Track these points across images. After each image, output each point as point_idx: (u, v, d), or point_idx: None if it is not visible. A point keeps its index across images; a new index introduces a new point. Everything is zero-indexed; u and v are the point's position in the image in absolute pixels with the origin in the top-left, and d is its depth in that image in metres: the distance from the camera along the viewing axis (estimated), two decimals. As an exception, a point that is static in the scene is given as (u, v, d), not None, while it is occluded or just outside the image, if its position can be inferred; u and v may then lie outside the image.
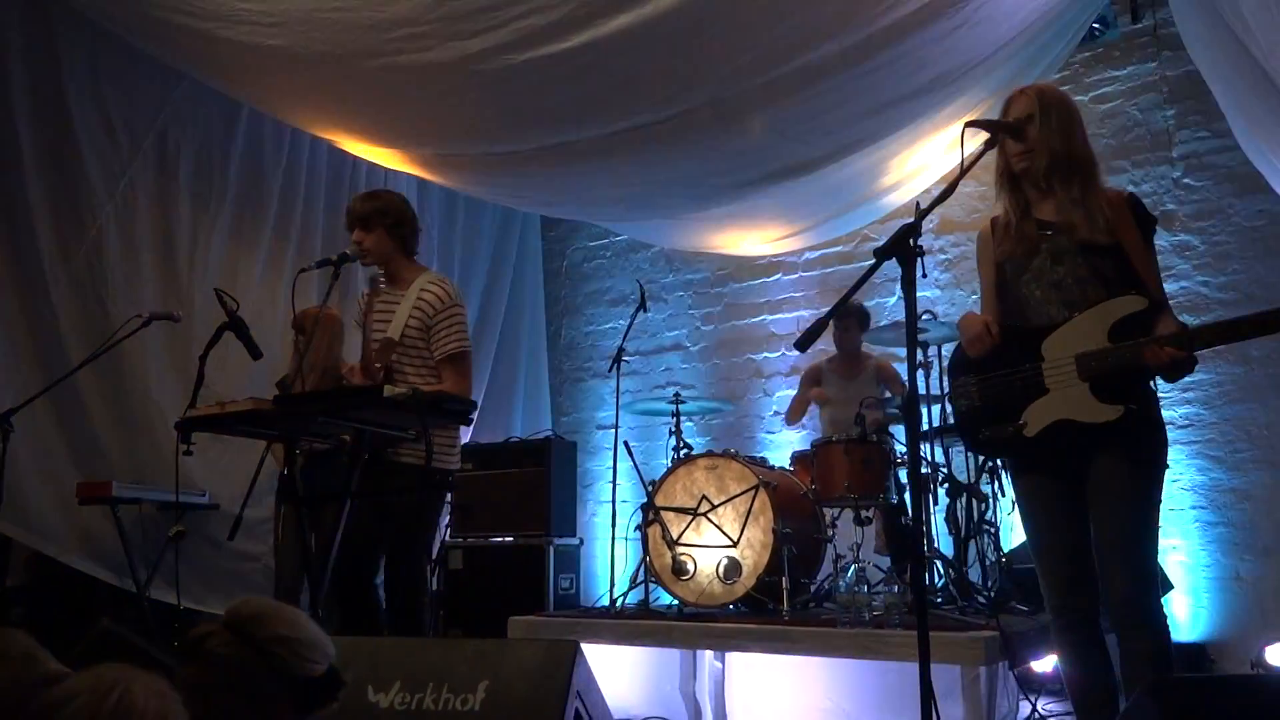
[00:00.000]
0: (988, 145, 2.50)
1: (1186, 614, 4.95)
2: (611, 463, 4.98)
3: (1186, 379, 2.50)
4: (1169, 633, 2.41)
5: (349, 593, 3.25)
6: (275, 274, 5.73)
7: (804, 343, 2.18)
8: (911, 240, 2.16)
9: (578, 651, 2.25)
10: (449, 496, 4.93)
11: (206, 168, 5.54)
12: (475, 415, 5.59)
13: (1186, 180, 5.43)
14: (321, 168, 6.11)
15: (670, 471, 4.34)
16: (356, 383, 3.23)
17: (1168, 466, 2.47)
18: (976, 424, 2.61)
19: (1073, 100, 2.64)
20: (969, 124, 2.53)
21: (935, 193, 2.46)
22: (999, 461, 4.28)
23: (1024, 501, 2.59)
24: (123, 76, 5.13)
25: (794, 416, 5.35)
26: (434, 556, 5.17)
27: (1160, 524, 2.46)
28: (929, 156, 5.20)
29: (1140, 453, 2.41)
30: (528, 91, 4.22)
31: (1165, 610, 2.43)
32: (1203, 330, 2.40)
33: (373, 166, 5.83)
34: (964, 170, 2.39)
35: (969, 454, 4.51)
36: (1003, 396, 2.54)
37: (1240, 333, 2.37)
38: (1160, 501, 2.44)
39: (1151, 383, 2.48)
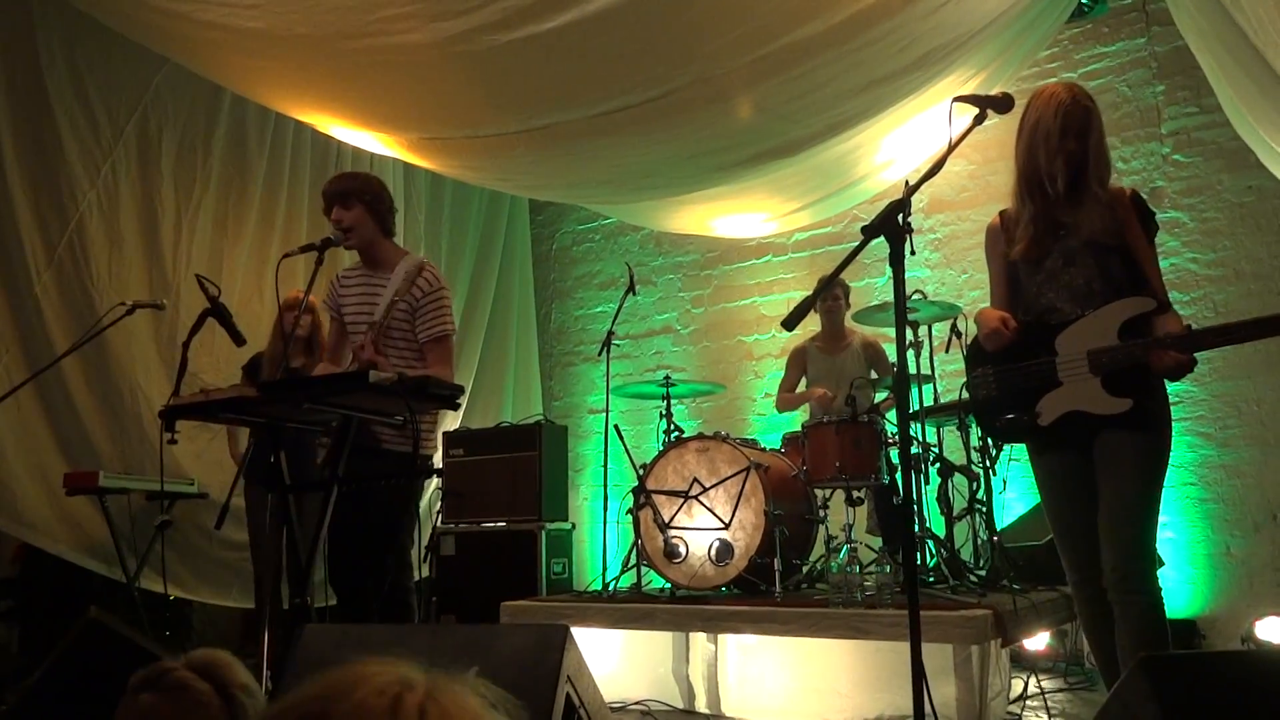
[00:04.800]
0: (976, 121, 2.48)
1: (1177, 590, 4.97)
2: (603, 446, 4.96)
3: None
4: (1162, 601, 2.48)
5: (350, 583, 3.23)
6: (260, 260, 5.69)
7: (791, 321, 2.18)
8: (900, 217, 2.18)
9: (568, 635, 2.23)
10: (438, 482, 4.92)
11: (189, 153, 5.49)
12: (464, 400, 5.58)
13: (1176, 156, 5.41)
14: (306, 152, 6.07)
15: (661, 455, 4.32)
16: (369, 358, 3.19)
17: (1171, 449, 2.58)
18: (994, 412, 2.75)
19: (1094, 99, 2.70)
20: (956, 99, 2.52)
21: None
22: (989, 441, 4.28)
23: (1045, 482, 2.72)
24: (103, 61, 5.07)
25: (784, 406, 5.30)
26: (425, 543, 5.17)
27: (1160, 503, 2.55)
28: (919, 134, 5.16)
29: (1147, 434, 2.52)
30: (512, 73, 4.16)
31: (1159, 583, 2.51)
32: (1204, 333, 2.50)
33: (358, 151, 5.79)
34: (951, 147, 2.42)
35: (962, 434, 4.51)
36: (1018, 387, 2.66)
37: (1239, 336, 2.47)
38: (1162, 480, 2.54)
39: None
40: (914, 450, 4.24)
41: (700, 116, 4.50)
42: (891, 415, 4.46)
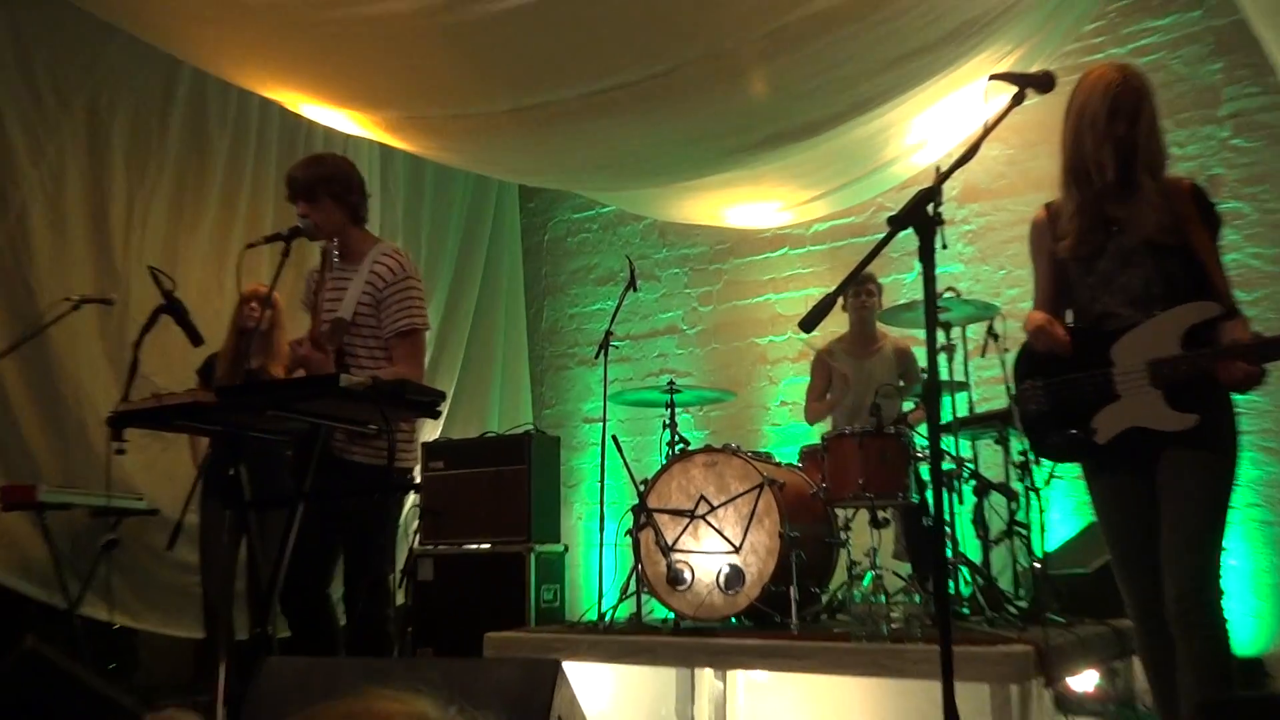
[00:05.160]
0: (1014, 101, 2.48)
1: (1240, 624, 4.94)
2: (599, 460, 4.95)
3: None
4: (1228, 636, 2.49)
5: (301, 609, 3.22)
6: (221, 251, 5.69)
7: (810, 322, 2.17)
8: (930, 207, 2.17)
9: (559, 671, 2.22)
10: (415, 499, 4.90)
11: (144, 134, 5.49)
12: (445, 407, 5.56)
13: (1235, 141, 5.40)
14: (273, 133, 6.06)
15: (664, 469, 4.30)
16: (305, 354, 3.18)
17: (1237, 469, 2.62)
18: (1044, 428, 2.77)
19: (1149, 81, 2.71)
20: (993, 77, 2.53)
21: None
22: (1029, 456, 4.27)
23: (1102, 505, 2.75)
24: (49, 32, 5.07)
25: (815, 416, 5.29)
26: (400, 566, 5.15)
27: (1226, 529, 2.57)
28: (950, 116, 5.16)
29: (1214, 453, 2.55)
30: (501, 46, 4.16)
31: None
32: (1276, 341, 2.51)
33: (330, 131, 5.78)
34: (987, 130, 2.41)
35: (1001, 447, 4.49)
36: (1071, 401, 2.68)
37: None
38: (1229, 502, 2.56)
39: None
40: (946, 466, 4.22)
41: (709, 95, 4.50)
42: (922, 427, 4.44)
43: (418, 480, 5.38)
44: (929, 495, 4.13)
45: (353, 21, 4.05)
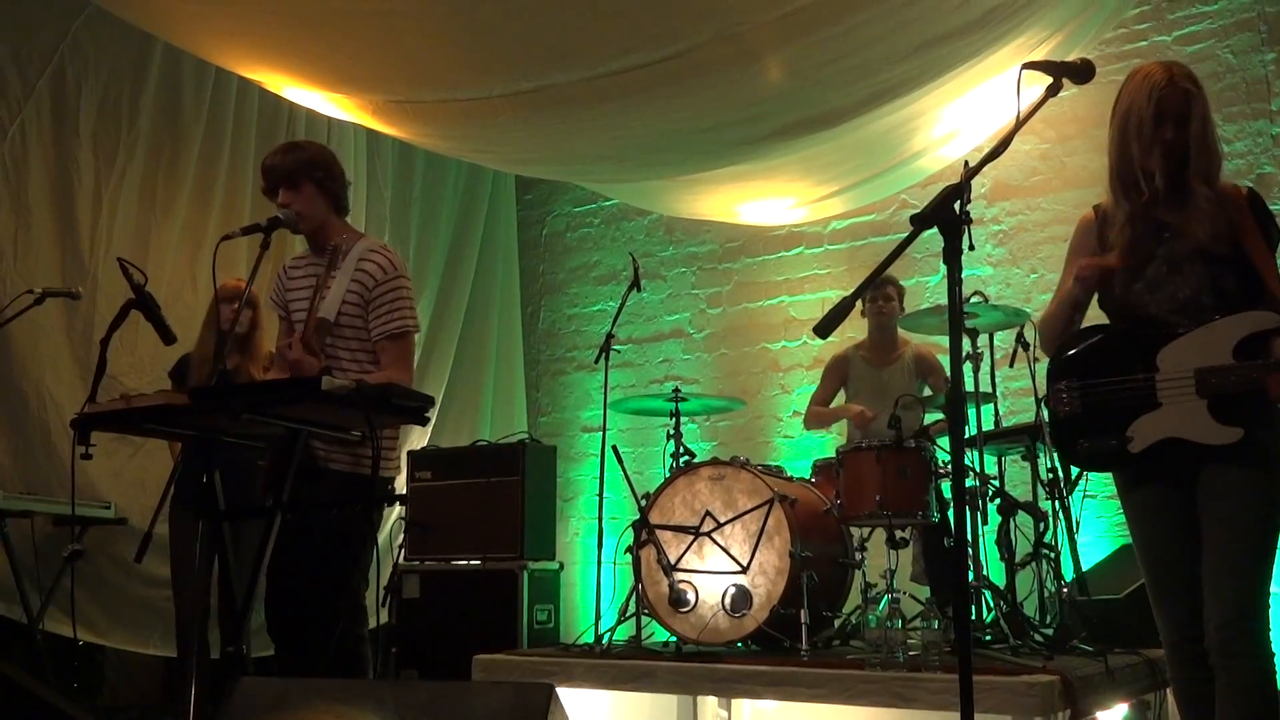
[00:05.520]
0: (1050, 92, 2.50)
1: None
2: (598, 472, 4.96)
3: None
4: (1274, 668, 2.51)
5: (291, 628, 3.23)
6: (195, 242, 5.72)
7: (826, 327, 2.18)
8: (957, 205, 2.19)
9: (552, 696, 2.24)
10: (401, 511, 4.91)
11: (113, 114, 5.51)
12: (433, 413, 5.59)
13: (1289, 138, 5.42)
14: (252, 116, 6.09)
15: (668, 483, 4.32)
16: (297, 358, 3.20)
17: None
18: (1075, 433, 2.80)
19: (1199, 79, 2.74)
20: (1026, 66, 2.55)
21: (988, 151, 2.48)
22: (1059, 473, 4.28)
23: (1137, 521, 2.77)
24: (12, 3, 5.09)
25: (814, 422, 5.32)
26: (384, 582, 5.17)
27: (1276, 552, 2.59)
28: (982, 107, 5.17)
29: (1261, 471, 2.56)
30: (499, 24, 4.18)
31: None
32: None
33: (313, 116, 5.80)
34: (1019, 123, 2.43)
35: (1029, 464, 4.51)
36: (1108, 406, 2.71)
37: None
38: (1277, 524, 2.58)
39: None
40: (970, 483, 4.23)
41: (721, 80, 4.51)
42: (944, 440, 4.45)
43: (400, 491, 5.39)
44: (951, 514, 4.15)
45: (340, -3, 4.08)
